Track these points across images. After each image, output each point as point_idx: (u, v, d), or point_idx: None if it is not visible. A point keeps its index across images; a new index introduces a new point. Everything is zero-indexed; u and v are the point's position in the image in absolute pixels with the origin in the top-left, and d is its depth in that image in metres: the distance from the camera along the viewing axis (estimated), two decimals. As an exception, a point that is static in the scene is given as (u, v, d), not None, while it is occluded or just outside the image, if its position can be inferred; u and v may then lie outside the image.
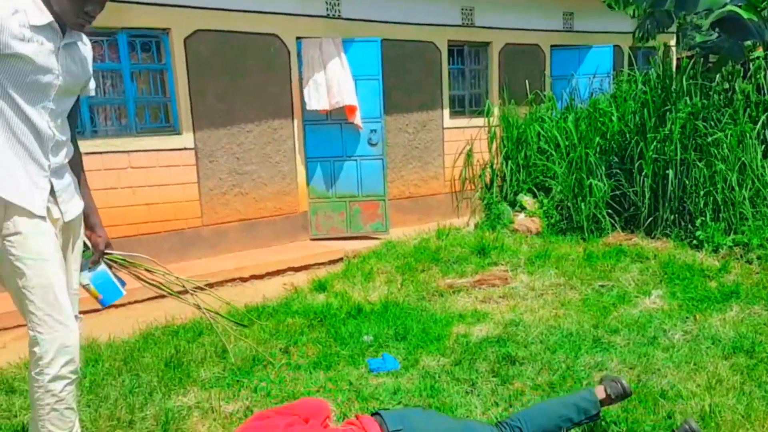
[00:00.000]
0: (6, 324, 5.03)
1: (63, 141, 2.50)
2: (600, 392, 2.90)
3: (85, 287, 2.73)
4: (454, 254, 6.18)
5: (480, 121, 8.51)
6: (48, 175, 2.42)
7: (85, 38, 2.61)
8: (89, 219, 2.76)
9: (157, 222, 6.63)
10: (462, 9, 8.87)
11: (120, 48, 6.48)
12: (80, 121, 6.24)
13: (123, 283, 2.84)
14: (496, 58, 9.28)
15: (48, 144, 2.41)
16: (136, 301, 5.58)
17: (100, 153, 6.27)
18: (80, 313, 2.61)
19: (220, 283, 6.21)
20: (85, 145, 5.97)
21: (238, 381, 3.61)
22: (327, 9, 7.76)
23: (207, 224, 6.98)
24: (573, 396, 2.94)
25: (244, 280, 6.44)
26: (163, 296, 5.67)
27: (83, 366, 3.89)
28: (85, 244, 2.73)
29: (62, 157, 2.50)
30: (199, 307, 3.00)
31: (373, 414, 2.51)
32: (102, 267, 2.76)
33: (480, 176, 7.85)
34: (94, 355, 4.10)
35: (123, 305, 5.47)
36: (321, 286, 5.54)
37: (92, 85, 2.71)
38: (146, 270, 2.92)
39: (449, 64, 8.88)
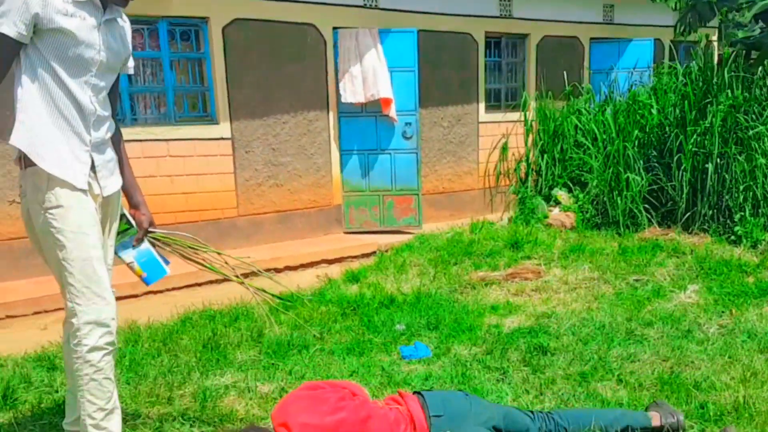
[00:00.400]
0: (46, 307, 5.18)
1: (104, 116, 2.55)
2: (655, 419, 2.85)
3: (129, 265, 2.76)
4: (487, 248, 6.18)
5: (516, 114, 8.46)
6: (89, 150, 2.47)
7: (124, 16, 2.65)
8: (133, 197, 2.79)
9: (194, 211, 6.74)
10: (500, 0, 8.81)
11: (160, 36, 6.59)
12: (120, 108, 6.37)
13: (167, 262, 2.85)
14: (533, 51, 9.19)
15: (90, 119, 2.46)
16: (174, 288, 5.71)
17: (140, 141, 6.39)
18: (119, 298, 2.66)
19: (255, 273, 6.29)
20: (125, 133, 6.02)
21: (273, 364, 3.68)
22: None
23: (242, 215, 7.06)
24: (626, 415, 2.89)
25: (278, 270, 6.50)
26: (199, 284, 5.84)
27: (123, 345, 4.00)
28: (128, 223, 2.76)
29: (103, 132, 2.55)
30: (242, 282, 3.01)
31: (414, 393, 2.54)
32: (146, 245, 2.78)
33: (515, 170, 7.81)
34: (134, 336, 4.21)
35: (161, 291, 5.59)
36: (354, 278, 5.60)
37: (131, 63, 2.74)
38: (190, 248, 2.92)
39: (486, 56, 8.83)
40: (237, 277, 2.98)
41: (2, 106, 2.40)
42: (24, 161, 2.42)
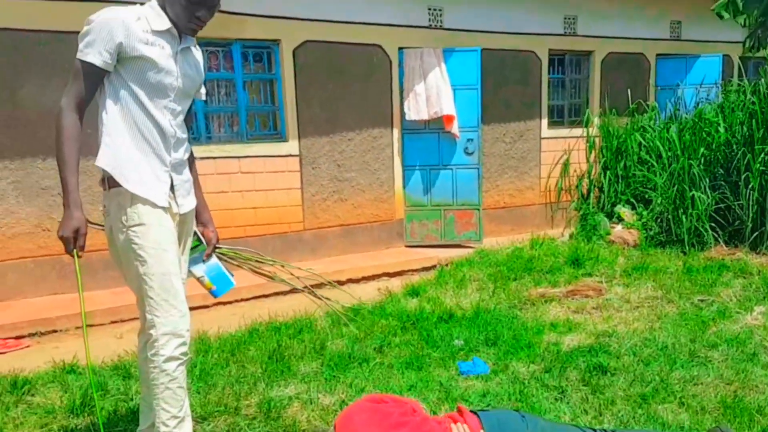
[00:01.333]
0: (122, 316, 5.47)
1: (182, 138, 2.71)
2: None
3: (199, 279, 2.92)
4: (548, 264, 6.20)
5: (579, 131, 8.46)
6: (169, 170, 2.63)
7: (197, 45, 2.82)
8: (202, 215, 2.95)
9: (262, 225, 7.01)
10: (565, 18, 8.85)
11: (234, 58, 6.90)
12: (196, 127, 6.69)
13: (232, 275, 3.01)
14: (598, 67, 9.18)
15: (170, 141, 2.62)
16: (242, 299, 5.93)
17: (214, 158, 6.69)
18: (191, 309, 2.84)
19: (319, 286, 6.49)
20: (199, 150, 6.46)
21: (334, 376, 3.79)
22: (429, 20, 7.95)
23: (308, 228, 7.30)
24: None
25: (341, 283, 6.65)
26: (266, 295, 6.06)
27: (194, 355, 4.21)
28: (198, 239, 2.92)
29: (181, 153, 2.70)
30: (310, 291, 3.16)
31: (471, 411, 2.57)
32: (214, 260, 2.94)
33: (577, 186, 7.80)
34: (204, 346, 4.40)
35: (229, 302, 5.81)
36: (414, 291, 5.69)
37: (203, 89, 2.91)
38: (256, 261, 3.08)
39: (549, 73, 8.88)
40: (305, 287, 3.11)
41: (88, 127, 2.60)
42: (108, 182, 2.57)
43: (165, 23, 2.58)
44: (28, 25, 5.70)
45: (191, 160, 2.89)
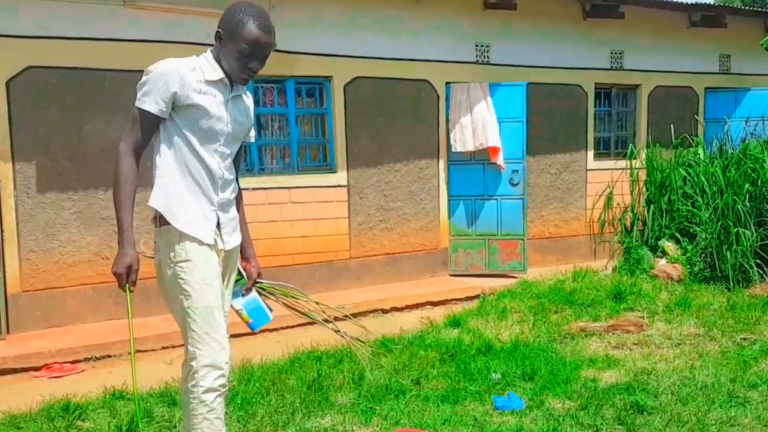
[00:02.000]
0: (173, 342, 5.60)
1: (230, 180, 2.86)
2: None
3: (237, 312, 3.03)
4: (589, 297, 6.23)
5: (624, 163, 8.50)
6: (216, 209, 2.78)
7: (248, 92, 2.99)
8: (246, 251, 3.07)
9: (310, 253, 7.27)
10: (611, 52, 8.95)
11: (287, 94, 7.23)
12: (250, 159, 7.02)
13: (271, 310, 3.13)
14: (644, 101, 9.24)
15: (218, 182, 2.77)
16: (288, 326, 6.07)
17: (265, 189, 7.00)
18: (238, 335, 2.91)
19: (363, 314, 6.70)
20: (252, 182, 6.82)
21: (370, 408, 3.89)
22: (477, 56, 8.17)
23: (354, 257, 7.54)
24: None
25: (385, 311, 6.89)
26: (311, 323, 6.19)
27: (237, 384, 4.36)
28: (240, 273, 3.04)
29: (228, 193, 2.85)
30: (338, 331, 3.23)
31: None
32: (254, 294, 3.05)
33: (620, 219, 7.83)
34: (247, 374, 4.56)
35: (275, 330, 5.99)
36: (455, 322, 5.81)
37: (253, 133, 3.07)
38: (291, 297, 3.18)
39: (596, 106, 8.97)
40: (334, 326, 3.20)
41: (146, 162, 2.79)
42: (159, 220, 2.73)
43: (218, 73, 2.74)
44: (94, 65, 6.11)
45: (238, 199, 3.01)
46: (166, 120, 2.73)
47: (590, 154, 8.95)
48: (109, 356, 5.63)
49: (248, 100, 2.98)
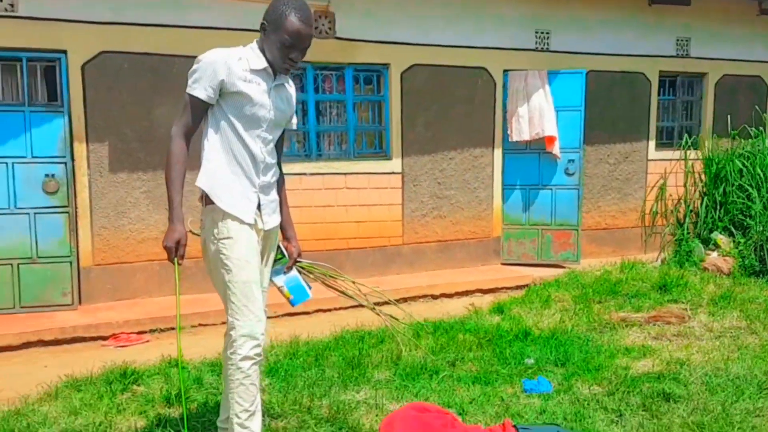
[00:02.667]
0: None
1: (271, 164, 3.07)
2: None
3: (279, 288, 3.25)
4: (634, 288, 6.21)
5: (689, 154, 8.33)
6: (257, 191, 2.99)
7: (290, 81, 3.18)
8: (287, 231, 3.29)
9: (363, 238, 7.48)
10: (677, 40, 8.74)
11: (346, 81, 7.43)
12: (308, 145, 7.28)
13: (309, 287, 3.33)
14: (711, 90, 8.99)
15: (260, 166, 2.99)
16: (340, 308, 6.32)
17: (322, 174, 7.24)
18: (296, 314, 3.05)
19: (413, 299, 6.90)
20: (310, 167, 7.08)
21: (404, 385, 4.07)
22: (536, 42, 8.14)
23: (407, 243, 7.70)
24: None
25: (434, 297, 7.04)
26: (361, 305, 6.48)
27: (282, 357, 4.64)
28: (282, 253, 3.26)
29: (269, 176, 3.06)
30: (373, 309, 3.38)
31: (513, 426, 2.80)
32: (294, 272, 3.27)
33: (672, 211, 7.71)
34: (293, 350, 4.83)
35: (328, 310, 6.25)
36: (499, 309, 5.91)
37: (294, 120, 3.26)
38: (330, 276, 3.37)
39: (659, 94, 8.80)
40: (369, 304, 3.35)
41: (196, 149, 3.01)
42: (205, 200, 2.95)
43: (262, 63, 2.92)
44: (164, 51, 6.43)
45: (279, 183, 3.21)
46: (214, 106, 2.93)
47: (652, 144, 8.79)
48: (172, 328, 5.89)
49: (291, 88, 3.16)
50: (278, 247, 3.27)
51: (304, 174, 7.13)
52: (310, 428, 3.47)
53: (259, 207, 3.01)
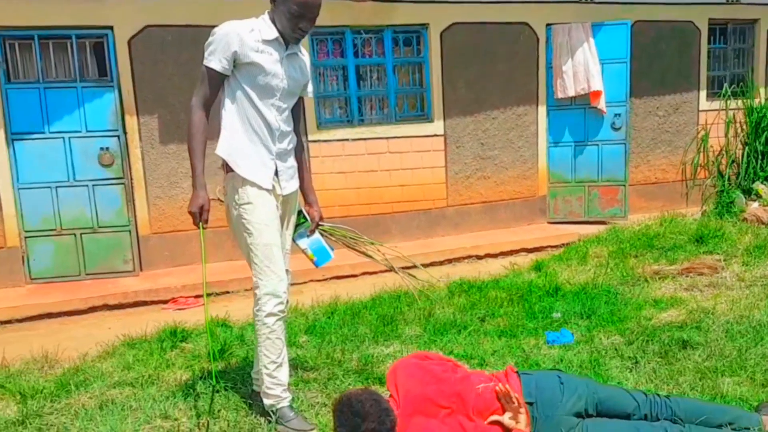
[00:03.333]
0: None
1: (287, 131, 3.21)
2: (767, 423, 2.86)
3: (303, 251, 3.42)
4: (671, 241, 6.16)
5: (739, 103, 8.08)
6: (274, 158, 3.14)
7: (303, 50, 3.28)
8: (308, 197, 3.45)
9: (408, 202, 7.57)
10: (728, -15, 8.43)
11: (385, 44, 7.47)
12: (350, 110, 7.39)
13: (332, 249, 3.48)
14: (763, 37, 8.64)
15: (275, 133, 3.13)
16: (385, 270, 6.47)
17: (365, 139, 7.35)
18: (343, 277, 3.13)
19: (458, 260, 7.01)
20: (352, 132, 7.22)
21: (432, 340, 4.23)
22: (580, -6, 7.99)
23: (451, 205, 7.77)
24: (733, 413, 2.90)
25: (479, 258, 7.11)
26: (406, 267, 6.59)
27: (321, 316, 4.84)
28: (304, 217, 3.42)
29: (285, 143, 3.20)
30: (391, 268, 3.54)
31: (516, 372, 2.90)
32: (316, 235, 3.43)
33: (715, 162, 7.53)
34: (332, 309, 5.03)
35: (374, 273, 6.37)
36: (537, 267, 5.97)
37: (310, 88, 3.38)
38: (351, 238, 3.54)
39: (709, 43, 8.52)
40: (387, 263, 3.50)
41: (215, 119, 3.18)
42: (225, 168, 3.12)
43: (273, 33, 3.05)
44: (204, 22, 6.43)
45: (298, 149, 3.36)
46: (229, 77, 3.06)
47: (702, 94, 8.55)
48: (227, 292, 6.28)
49: (304, 56, 3.27)
50: (300, 211, 3.42)
51: (347, 140, 7.27)
52: (338, 379, 3.67)
53: (276, 173, 3.16)
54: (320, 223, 3.47)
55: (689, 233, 6.32)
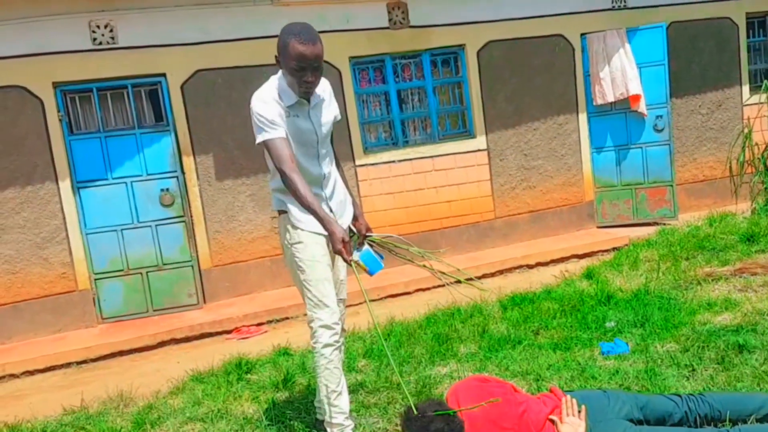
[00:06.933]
0: None
1: (329, 172, 3.35)
2: None
3: (355, 263, 3.41)
4: (722, 242, 6.15)
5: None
6: (326, 201, 3.30)
7: (320, 88, 3.24)
8: (353, 211, 3.53)
9: (456, 216, 7.73)
10: (763, -23, 8.38)
11: (424, 67, 7.67)
12: (394, 133, 7.61)
13: (382, 257, 3.50)
14: (804, 26, 8.55)
15: (320, 180, 3.29)
16: (438, 285, 6.57)
17: (410, 159, 7.55)
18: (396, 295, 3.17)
19: (509, 270, 7.12)
20: (398, 154, 7.45)
21: (488, 357, 4.30)
22: (612, 1, 8.05)
23: (499, 217, 7.89)
24: None
25: (530, 267, 7.21)
26: (457, 281, 6.69)
27: (377, 338, 4.94)
28: (351, 231, 3.50)
29: (331, 182, 3.35)
30: (433, 271, 3.55)
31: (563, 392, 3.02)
32: (366, 247, 3.46)
33: (761, 158, 7.44)
34: (388, 330, 5.16)
35: (427, 290, 6.53)
36: (589, 274, 6.00)
37: (338, 114, 3.44)
38: (396, 246, 3.54)
39: (748, 37, 8.46)
40: (431, 268, 3.51)
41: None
42: (278, 210, 3.31)
43: (293, 98, 3.15)
44: (252, 62, 6.83)
45: (336, 164, 3.46)
46: None
47: (745, 89, 8.50)
48: (287, 318, 6.49)
49: (324, 92, 3.32)
50: (348, 227, 3.52)
51: (393, 162, 7.47)
52: (398, 403, 3.78)
53: (332, 210, 3.31)
54: (367, 234, 3.54)
55: (740, 232, 6.27)
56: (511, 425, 2.74)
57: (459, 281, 3.56)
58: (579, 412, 2.81)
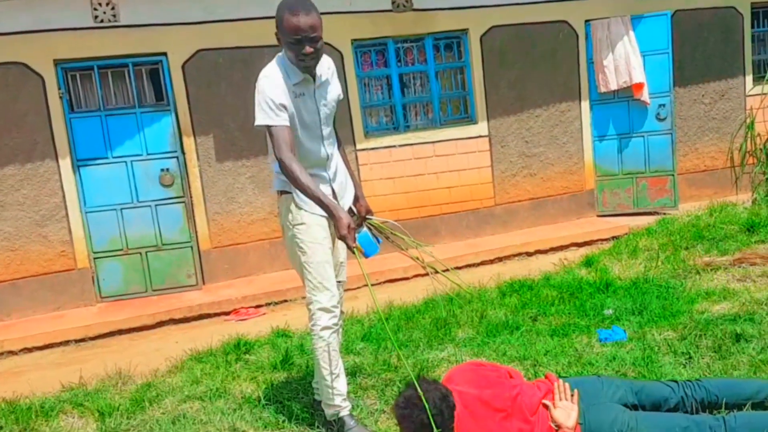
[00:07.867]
0: None
1: (332, 153, 3.34)
2: None
3: (356, 248, 3.34)
4: (721, 232, 6.13)
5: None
6: (329, 183, 3.30)
7: (325, 62, 3.23)
8: (354, 192, 3.53)
9: (456, 203, 7.72)
10: (770, -33, 8.32)
11: (426, 51, 7.62)
12: (395, 118, 7.58)
13: (379, 241, 3.49)
14: (809, 17, 8.50)
15: (323, 161, 3.29)
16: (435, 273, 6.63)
17: (411, 144, 7.52)
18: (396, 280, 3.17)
19: (508, 257, 7.12)
20: (398, 139, 7.42)
21: (485, 342, 4.32)
22: (618, -12, 8.00)
23: (499, 204, 7.88)
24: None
25: (529, 254, 7.21)
26: (459, 267, 6.71)
27: (376, 322, 4.95)
28: (352, 211, 3.49)
29: (334, 161, 3.33)
30: (423, 264, 3.50)
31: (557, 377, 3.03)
32: (364, 229, 3.47)
33: (762, 148, 7.42)
34: (387, 314, 5.16)
35: (425, 275, 6.48)
36: (588, 262, 6.00)
37: (339, 90, 3.40)
38: (392, 233, 3.54)
39: (753, 27, 8.42)
40: (421, 260, 3.46)
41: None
42: (279, 191, 3.27)
43: (299, 74, 3.13)
44: (254, 43, 6.80)
45: (338, 145, 3.43)
46: None
47: (748, 79, 8.45)
48: (285, 301, 6.51)
49: (328, 71, 3.29)
50: (350, 208, 3.51)
51: (394, 146, 7.45)
52: (395, 385, 3.80)
53: (334, 194, 3.30)
54: (367, 216, 3.53)
55: (740, 222, 6.26)
56: (503, 406, 2.75)
57: (437, 271, 3.51)
58: (572, 396, 2.83)
